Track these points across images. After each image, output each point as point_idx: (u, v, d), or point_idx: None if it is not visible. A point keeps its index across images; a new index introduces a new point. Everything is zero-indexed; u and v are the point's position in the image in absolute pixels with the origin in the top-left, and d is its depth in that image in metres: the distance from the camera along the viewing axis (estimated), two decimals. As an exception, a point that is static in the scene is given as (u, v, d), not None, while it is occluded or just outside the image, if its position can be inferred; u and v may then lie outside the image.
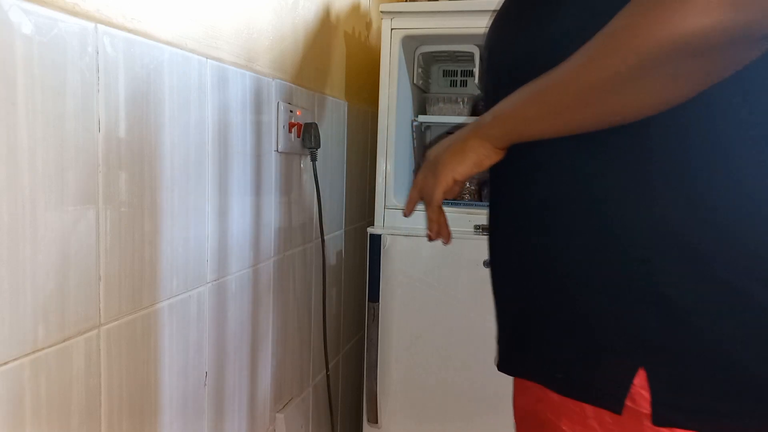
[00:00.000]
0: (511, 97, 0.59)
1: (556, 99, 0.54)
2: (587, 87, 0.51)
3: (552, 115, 0.56)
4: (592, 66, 0.50)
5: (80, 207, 0.66)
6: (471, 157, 0.65)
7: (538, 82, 0.56)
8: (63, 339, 0.64)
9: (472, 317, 1.40)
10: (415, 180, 0.75)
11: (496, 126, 0.61)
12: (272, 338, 1.17)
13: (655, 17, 0.45)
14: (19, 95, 0.57)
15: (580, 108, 0.53)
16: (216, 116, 0.91)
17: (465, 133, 0.66)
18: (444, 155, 0.68)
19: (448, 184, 0.68)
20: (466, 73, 1.77)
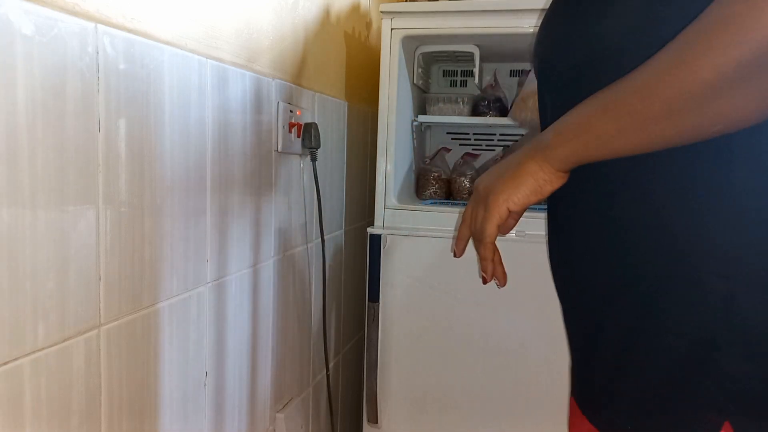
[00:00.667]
0: (576, 111, 0.52)
1: (640, 109, 0.46)
2: (682, 92, 0.44)
3: (634, 129, 0.47)
4: (688, 67, 0.43)
5: (80, 207, 0.66)
6: (528, 183, 0.56)
7: (612, 91, 0.49)
8: (63, 339, 0.64)
9: (472, 317, 1.40)
10: (463, 215, 0.67)
11: (560, 145, 0.53)
12: (272, 338, 1.17)
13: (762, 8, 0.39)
14: (19, 95, 0.57)
15: (670, 118, 0.45)
16: (216, 116, 0.91)
17: (520, 156, 0.57)
18: (496, 184, 0.59)
19: (501, 216, 0.58)
20: (466, 73, 1.77)
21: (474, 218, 0.63)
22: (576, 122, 0.52)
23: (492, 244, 0.62)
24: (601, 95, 0.50)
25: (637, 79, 0.47)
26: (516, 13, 1.31)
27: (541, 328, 1.34)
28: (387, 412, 1.49)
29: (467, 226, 0.66)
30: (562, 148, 0.53)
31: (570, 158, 0.53)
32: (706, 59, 0.42)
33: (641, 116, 0.47)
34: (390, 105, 1.43)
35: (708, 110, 0.44)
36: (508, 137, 1.75)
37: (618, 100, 0.48)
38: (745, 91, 0.42)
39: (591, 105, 0.51)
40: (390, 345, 1.46)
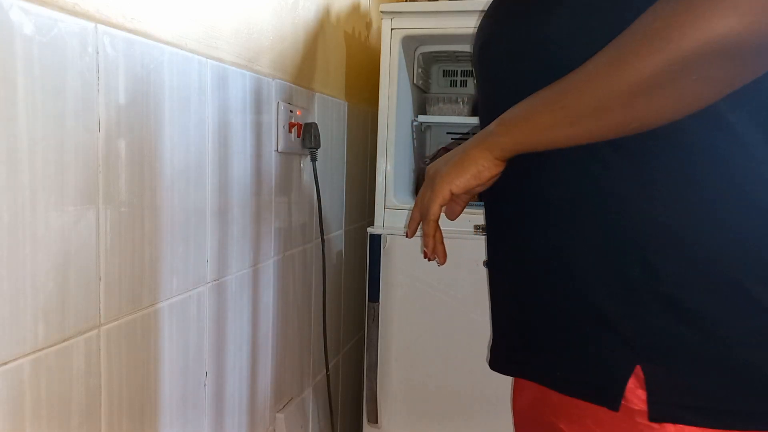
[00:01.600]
0: (521, 105, 0.57)
1: (577, 105, 0.51)
2: (615, 90, 0.49)
3: (570, 122, 0.53)
4: (622, 68, 0.48)
5: (80, 207, 0.66)
6: (470, 168, 0.62)
7: (553, 87, 0.54)
8: (63, 339, 0.64)
9: (472, 317, 1.40)
10: (417, 198, 0.72)
11: (503, 134, 0.58)
12: (272, 338, 1.17)
13: (691, 18, 0.44)
14: (19, 95, 0.57)
15: (604, 114, 0.51)
16: (216, 116, 0.91)
17: (467, 144, 0.63)
18: (442, 168, 0.65)
19: (444, 197, 0.64)
20: (466, 73, 1.77)
21: (422, 199, 0.69)
22: (519, 114, 0.57)
23: (434, 222, 0.68)
24: (545, 91, 0.55)
25: (574, 78, 0.52)
26: (516, 13, 1.31)
27: (541, 328, 1.34)
28: (387, 412, 1.49)
29: (417, 209, 0.72)
30: (503, 137, 0.58)
31: (509, 146, 0.58)
32: (633, 65, 0.47)
33: (574, 111, 0.52)
34: (390, 105, 1.43)
35: (631, 110, 0.49)
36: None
37: (559, 96, 0.53)
38: (664, 95, 0.47)
39: (535, 99, 0.56)
40: (390, 345, 1.46)
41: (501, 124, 0.58)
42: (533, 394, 0.66)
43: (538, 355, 0.64)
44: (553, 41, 0.58)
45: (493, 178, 0.62)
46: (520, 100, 0.58)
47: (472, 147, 0.62)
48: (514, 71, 0.63)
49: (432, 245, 0.71)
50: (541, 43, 0.59)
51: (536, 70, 0.59)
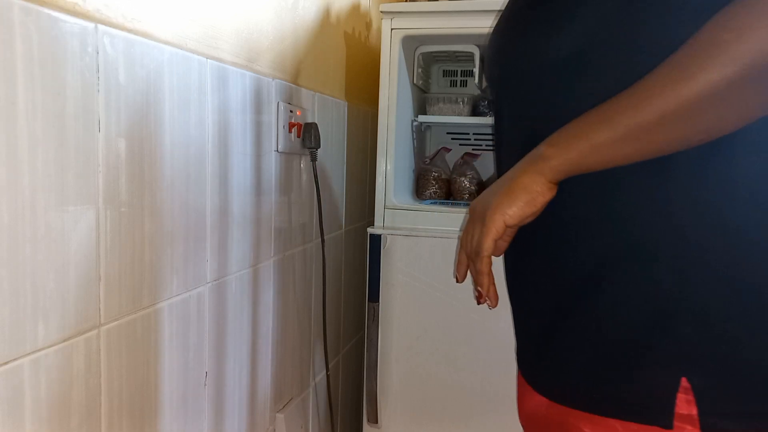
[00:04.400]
0: (572, 125, 0.55)
1: (640, 119, 0.50)
2: (684, 102, 0.48)
3: (633, 138, 0.51)
4: (690, 79, 0.47)
5: (80, 207, 0.66)
6: (522, 196, 0.57)
7: (609, 104, 0.53)
8: (63, 339, 0.64)
9: (472, 317, 1.40)
10: (460, 240, 0.67)
11: (555, 156, 0.55)
12: (272, 338, 1.17)
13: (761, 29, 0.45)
14: (19, 95, 0.57)
15: (669, 127, 0.50)
16: (216, 116, 0.91)
17: (513, 172, 0.59)
18: (491, 200, 0.60)
19: (498, 230, 0.58)
20: (466, 73, 1.77)
21: (471, 237, 0.63)
22: (571, 134, 0.55)
23: (489, 258, 0.61)
24: (598, 108, 0.53)
25: (636, 92, 0.51)
26: (516, 13, 1.31)
27: (541, 328, 1.34)
28: (387, 412, 1.49)
29: (464, 250, 0.66)
30: (556, 159, 0.55)
31: (563, 168, 0.56)
32: (700, 76, 0.47)
33: (637, 127, 0.50)
34: (390, 105, 1.43)
35: (697, 122, 0.49)
36: (508, 137, 1.75)
37: (616, 112, 0.52)
38: (729, 106, 0.48)
39: (588, 117, 0.54)
40: (390, 345, 1.46)
41: (552, 145, 0.56)
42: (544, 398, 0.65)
43: (567, 378, 0.62)
44: (581, 59, 0.57)
45: (545, 204, 0.58)
46: (557, 119, 0.57)
47: (521, 173, 0.58)
48: (548, 91, 0.62)
49: (487, 284, 0.64)
50: (569, 60, 0.58)
51: (574, 88, 0.59)
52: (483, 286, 0.63)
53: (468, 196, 1.63)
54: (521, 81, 0.66)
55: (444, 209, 1.44)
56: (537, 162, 0.57)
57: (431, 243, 1.40)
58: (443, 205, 1.48)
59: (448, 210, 1.44)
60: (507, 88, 0.69)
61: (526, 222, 0.59)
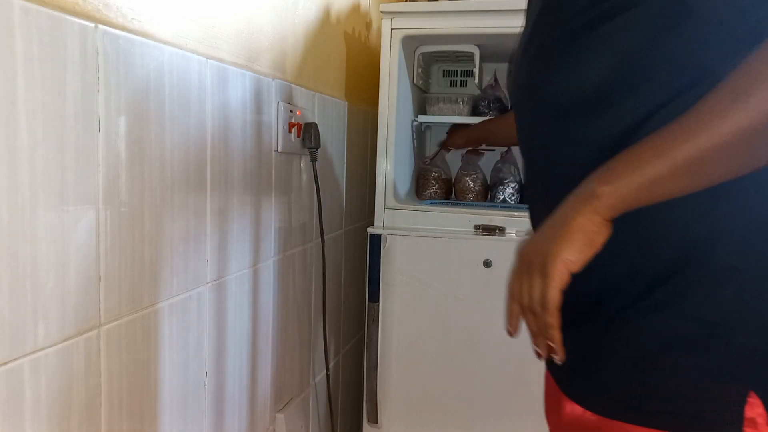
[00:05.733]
0: (622, 159, 0.54)
1: (700, 150, 0.49)
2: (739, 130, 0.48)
3: (688, 170, 0.50)
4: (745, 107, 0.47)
5: (80, 207, 0.66)
6: (581, 238, 0.55)
7: (663, 136, 0.52)
8: (63, 339, 0.64)
9: (472, 317, 1.40)
10: (509, 289, 0.63)
11: (609, 194, 0.54)
12: (272, 338, 1.17)
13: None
14: (19, 95, 0.57)
15: (730, 156, 0.49)
16: (216, 116, 0.91)
17: (564, 214, 0.57)
18: (548, 247, 0.56)
19: (563, 279, 0.55)
20: (466, 73, 1.77)
21: (530, 289, 0.58)
22: (624, 170, 0.53)
23: (558, 310, 0.57)
24: (648, 142, 0.53)
25: (690, 122, 0.50)
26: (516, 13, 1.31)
27: (541, 328, 1.34)
28: (387, 412, 1.49)
29: (516, 301, 0.61)
30: (610, 196, 0.54)
31: (619, 206, 0.54)
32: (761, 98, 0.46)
33: (696, 157, 0.50)
34: (390, 105, 1.43)
35: (760, 147, 0.49)
36: (508, 137, 1.75)
37: (672, 144, 0.51)
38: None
39: (638, 152, 0.53)
40: (390, 345, 1.46)
41: (606, 183, 0.54)
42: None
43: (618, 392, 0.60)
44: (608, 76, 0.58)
45: (603, 243, 0.56)
46: (584, 155, 0.57)
47: (575, 214, 0.55)
48: (574, 126, 0.62)
49: (560, 338, 0.58)
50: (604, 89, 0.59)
51: (600, 123, 0.59)
52: (555, 340, 0.58)
53: (471, 197, 1.63)
54: (547, 116, 0.65)
55: (444, 209, 1.44)
56: (590, 201, 0.55)
57: (431, 243, 1.40)
58: (443, 205, 1.48)
59: (448, 210, 1.44)
60: (533, 123, 0.68)
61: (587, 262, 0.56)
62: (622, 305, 0.60)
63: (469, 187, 1.63)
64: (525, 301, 0.59)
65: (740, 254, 0.55)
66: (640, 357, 0.59)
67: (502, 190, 1.60)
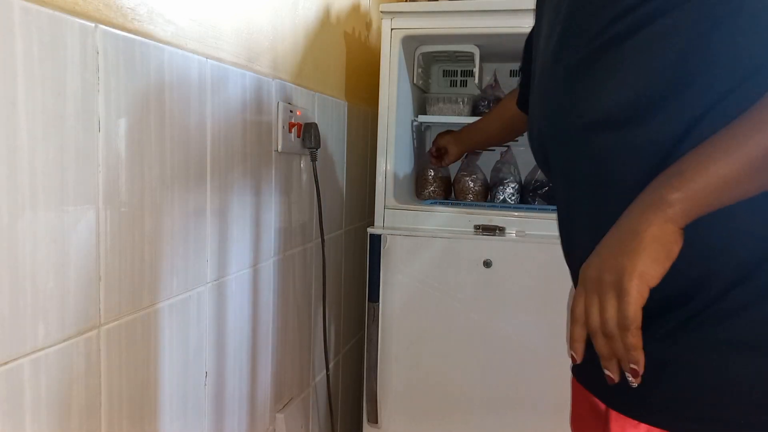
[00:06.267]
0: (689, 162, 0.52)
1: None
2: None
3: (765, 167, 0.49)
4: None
5: (80, 207, 0.66)
6: (658, 250, 0.51)
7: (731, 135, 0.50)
8: (63, 339, 0.64)
9: (472, 317, 1.40)
10: (572, 312, 0.58)
11: (682, 201, 0.51)
12: (272, 338, 1.17)
13: None
14: (19, 95, 0.57)
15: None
16: (216, 116, 0.91)
17: (632, 225, 0.54)
18: (621, 262, 0.53)
19: (644, 296, 0.52)
20: (466, 73, 1.77)
21: (602, 309, 0.54)
22: (694, 173, 0.51)
23: (640, 330, 0.53)
24: (714, 142, 0.51)
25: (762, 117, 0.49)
26: (516, 13, 1.31)
27: (542, 327, 1.34)
28: (387, 412, 1.49)
29: (582, 324, 0.57)
30: (683, 203, 0.51)
31: (693, 211, 0.52)
32: None
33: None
34: (390, 105, 1.43)
35: None
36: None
37: (742, 141, 0.49)
38: None
39: (703, 154, 0.51)
40: (390, 345, 1.46)
41: (674, 189, 0.51)
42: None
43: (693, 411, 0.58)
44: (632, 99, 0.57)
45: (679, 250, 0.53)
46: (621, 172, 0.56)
47: (647, 226, 0.52)
48: (605, 145, 0.61)
49: (643, 360, 0.53)
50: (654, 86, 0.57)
51: (633, 142, 0.58)
52: (640, 363, 0.53)
53: (471, 197, 1.63)
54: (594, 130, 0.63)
55: (444, 209, 1.44)
56: (663, 208, 0.52)
57: (431, 243, 1.40)
58: (443, 205, 1.48)
59: (448, 210, 1.44)
60: (573, 139, 0.66)
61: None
62: (691, 312, 0.57)
63: (469, 187, 1.63)
64: (595, 323, 0.55)
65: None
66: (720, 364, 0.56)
67: (502, 190, 1.60)
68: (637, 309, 0.52)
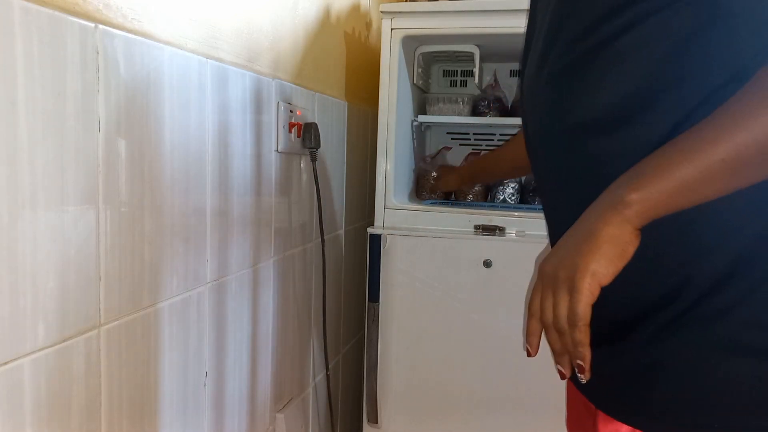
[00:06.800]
0: (649, 166, 0.52)
1: (736, 150, 0.48)
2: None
3: (725, 172, 0.49)
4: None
5: (80, 207, 0.66)
6: (612, 249, 0.52)
7: (692, 139, 0.50)
8: (63, 339, 0.64)
9: (472, 317, 1.40)
10: (528, 307, 0.60)
11: (640, 201, 0.51)
12: (272, 338, 1.17)
13: None
14: (19, 95, 0.57)
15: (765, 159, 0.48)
16: (216, 116, 0.91)
17: (590, 224, 0.54)
18: (575, 260, 0.53)
19: (594, 294, 0.52)
20: (466, 73, 1.77)
21: (555, 305, 0.56)
22: (653, 175, 0.51)
23: (588, 327, 0.54)
24: (674, 145, 0.51)
25: (723, 123, 0.48)
26: (516, 13, 1.31)
27: (541, 328, 1.34)
28: (387, 412, 1.49)
29: (537, 319, 0.58)
30: (641, 203, 0.51)
31: (650, 213, 0.52)
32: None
33: (733, 158, 0.48)
34: (390, 105, 1.43)
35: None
36: (507, 137, 1.75)
37: (703, 146, 0.49)
38: None
39: (665, 156, 0.51)
40: (390, 345, 1.46)
41: (633, 190, 0.52)
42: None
43: (679, 414, 0.58)
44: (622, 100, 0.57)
45: (634, 251, 0.53)
46: (605, 172, 0.55)
47: (603, 225, 0.53)
48: (593, 145, 0.61)
49: (590, 356, 0.55)
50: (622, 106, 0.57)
51: (619, 142, 0.58)
52: (586, 359, 0.55)
53: (471, 197, 1.63)
54: (575, 135, 0.63)
55: (444, 209, 1.44)
56: (619, 209, 0.52)
57: (431, 243, 1.40)
58: (443, 205, 1.48)
59: (448, 210, 1.44)
60: (556, 143, 0.66)
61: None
62: (670, 317, 0.57)
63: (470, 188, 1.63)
64: (548, 318, 0.56)
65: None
66: (703, 368, 0.56)
67: (502, 190, 1.60)
68: (586, 306, 0.53)
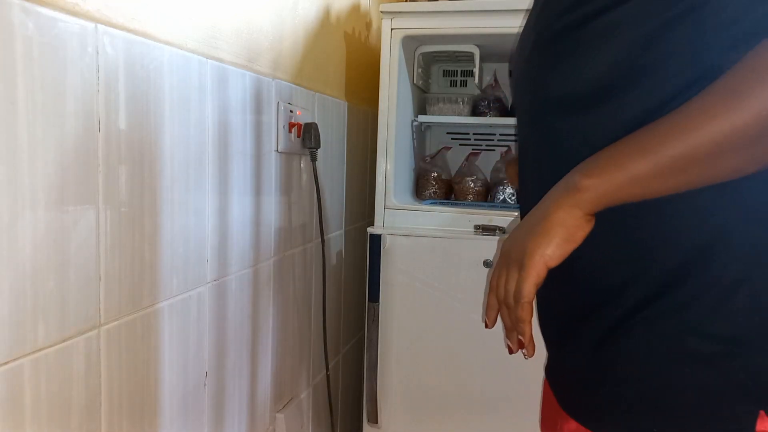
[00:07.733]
0: (606, 154, 0.52)
1: (684, 150, 0.47)
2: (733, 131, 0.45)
3: (675, 170, 0.48)
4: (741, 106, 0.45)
5: (80, 207, 0.66)
6: (560, 233, 0.53)
7: (650, 133, 0.50)
8: (63, 339, 0.64)
9: (472, 317, 1.40)
10: (489, 282, 0.63)
11: (591, 188, 0.52)
12: (272, 338, 1.17)
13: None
14: (19, 95, 0.57)
15: (716, 159, 0.47)
16: (216, 116, 0.91)
17: (545, 207, 0.56)
18: (527, 241, 0.55)
19: (540, 274, 0.55)
20: (466, 73, 1.77)
21: (506, 282, 0.59)
22: (608, 165, 0.52)
23: (531, 305, 0.56)
24: (635, 137, 0.51)
25: (680, 121, 0.48)
26: (516, 13, 1.31)
27: (541, 328, 1.34)
28: (387, 412, 1.49)
29: (494, 294, 0.61)
30: (592, 191, 0.52)
31: (601, 201, 0.52)
32: (758, 99, 0.44)
33: (685, 157, 0.47)
34: (390, 105, 1.43)
35: (757, 149, 0.46)
36: (508, 137, 1.75)
37: (659, 142, 0.49)
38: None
39: (624, 147, 0.51)
40: (390, 345, 1.46)
41: (588, 176, 0.52)
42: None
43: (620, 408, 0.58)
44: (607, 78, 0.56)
45: (584, 237, 0.55)
46: (583, 150, 0.55)
47: (556, 208, 0.54)
48: (574, 121, 0.60)
49: (530, 333, 0.58)
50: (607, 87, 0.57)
51: (600, 119, 0.57)
52: (525, 335, 0.58)
53: (471, 197, 1.63)
54: (547, 110, 0.63)
55: (444, 209, 1.44)
56: (572, 194, 0.53)
57: (431, 243, 1.40)
58: (443, 205, 1.48)
59: (448, 210, 1.44)
60: (533, 118, 0.66)
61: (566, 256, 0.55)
62: (616, 319, 0.57)
63: (469, 188, 1.63)
64: (500, 294, 0.60)
65: (749, 265, 0.52)
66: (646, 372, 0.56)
67: (502, 190, 1.60)
68: (531, 286, 0.55)
